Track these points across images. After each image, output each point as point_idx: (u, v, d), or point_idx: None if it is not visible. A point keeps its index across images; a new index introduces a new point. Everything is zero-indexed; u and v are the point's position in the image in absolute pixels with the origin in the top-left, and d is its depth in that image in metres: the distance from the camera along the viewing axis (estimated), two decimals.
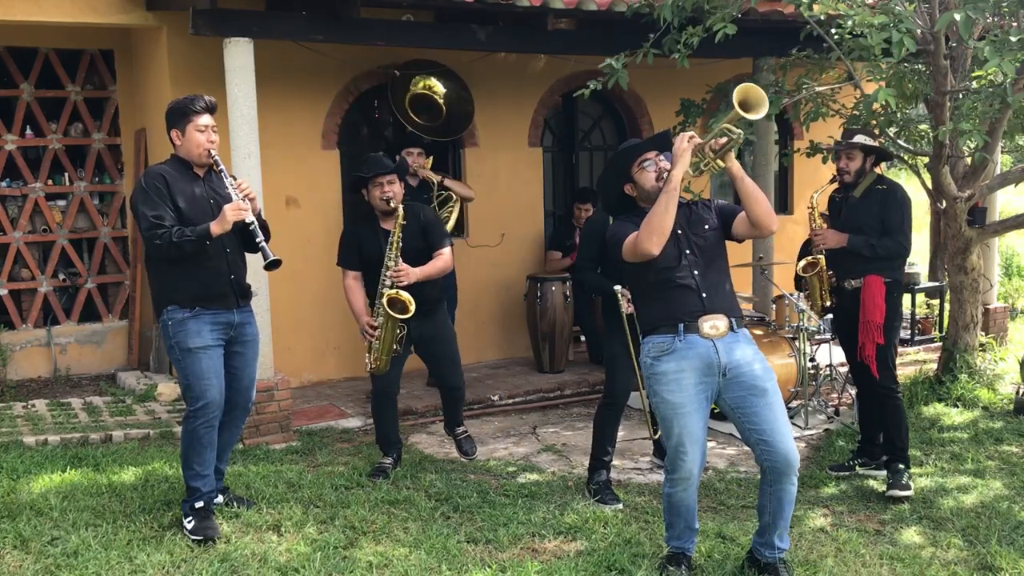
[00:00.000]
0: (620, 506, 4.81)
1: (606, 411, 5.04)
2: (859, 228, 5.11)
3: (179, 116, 4.31)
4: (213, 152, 4.31)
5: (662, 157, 3.92)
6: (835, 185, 5.33)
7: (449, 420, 5.64)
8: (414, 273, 5.01)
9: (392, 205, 5.01)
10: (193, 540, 4.19)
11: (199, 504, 4.30)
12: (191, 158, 4.34)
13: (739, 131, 3.71)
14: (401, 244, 5.02)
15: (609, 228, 4.03)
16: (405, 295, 4.96)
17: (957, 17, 5.06)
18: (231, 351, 4.45)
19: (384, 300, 4.95)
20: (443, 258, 5.18)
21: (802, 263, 5.58)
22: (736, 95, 3.61)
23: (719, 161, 3.77)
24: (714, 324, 3.79)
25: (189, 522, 4.28)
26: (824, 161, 6.53)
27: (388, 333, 5.04)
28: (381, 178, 5.05)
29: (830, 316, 6.31)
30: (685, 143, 3.70)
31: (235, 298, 4.42)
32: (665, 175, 3.84)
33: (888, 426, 5.11)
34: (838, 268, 5.25)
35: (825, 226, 5.33)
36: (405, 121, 7.26)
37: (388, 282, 5.00)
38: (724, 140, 3.72)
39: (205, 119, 4.30)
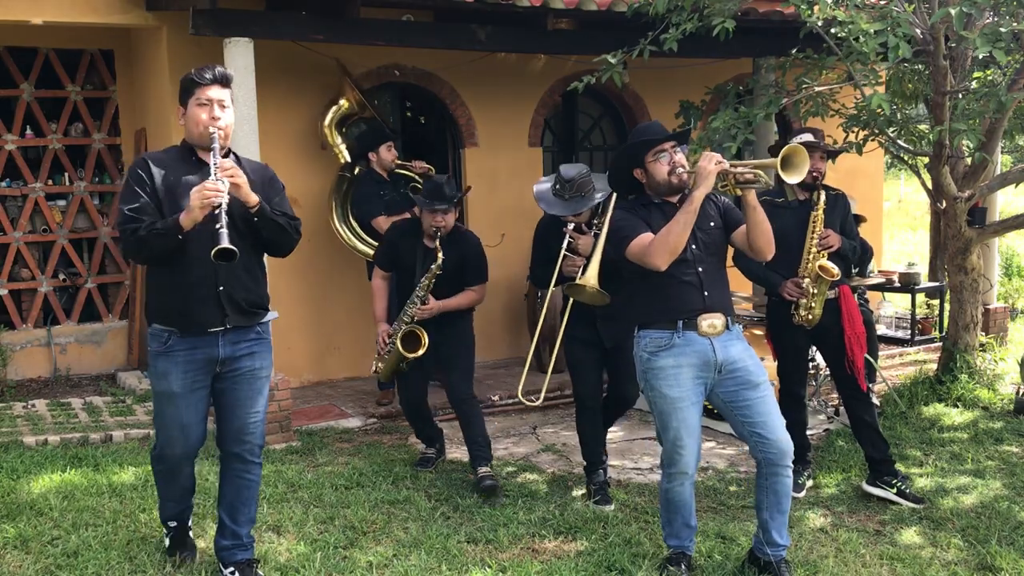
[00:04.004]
0: (611, 508, 4.80)
1: (581, 416, 5.04)
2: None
3: (184, 89, 3.66)
4: (214, 132, 3.54)
5: (678, 150, 3.91)
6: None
7: (468, 447, 5.23)
8: (436, 306, 5.07)
9: (440, 235, 5.00)
10: (169, 559, 3.97)
11: (173, 523, 3.99)
12: (193, 139, 3.65)
13: (768, 180, 3.72)
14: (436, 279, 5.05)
15: (614, 216, 4.01)
16: (422, 333, 5.02)
17: (952, 12, 5.06)
18: (218, 387, 3.71)
19: (398, 338, 5.03)
20: (470, 295, 5.18)
21: (820, 266, 4.81)
22: (784, 150, 3.62)
23: (737, 189, 3.77)
24: (712, 323, 3.81)
25: (166, 539, 4.05)
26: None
27: (394, 356, 5.12)
28: (438, 208, 4.99)
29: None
30: (712, 165, 3.67)
31: (221, 317, 3.59)
32: (679, 169, 3.85)
33: (878, 430, 5.04)
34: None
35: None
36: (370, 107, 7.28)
37: (411, 311, 5.06)
38: (751, 176, 3.71)
39: (213, 92, 3.60)
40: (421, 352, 5.01)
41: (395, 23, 6.35)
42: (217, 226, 3.36)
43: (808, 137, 4.90)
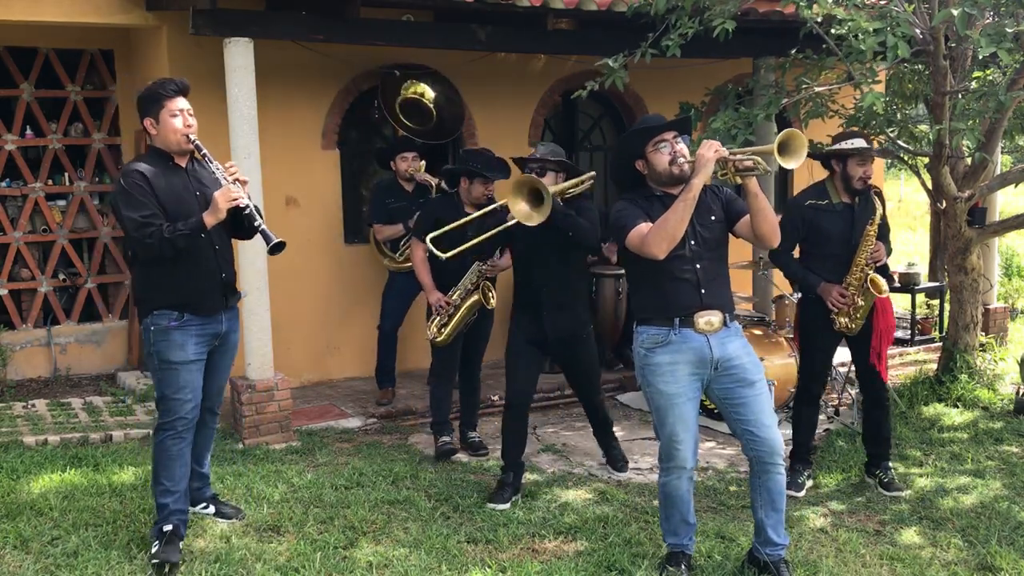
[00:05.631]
0: (506, 506, 4.76)
1: (506, 413, 5.06)
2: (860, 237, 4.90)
3: (151, 102, 4.03)
4: (192, 136, 4.03)
5: (679, 140, 3.90)
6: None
7: (465, 418, 5.92)
8: (506, 263, 5.56)
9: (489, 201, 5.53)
10: (152, 563, 3.93)
11: (167, 527, 4.01)
12: (169, 147, 4.05)
13: (767, 167, 3.70)
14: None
15: (614, 208, 4.02)
16: (490, 288, 5.57)
17: (955, 13, 5.06)
18: (210, 357, 4.22)
19: (481, 291, 5.52)
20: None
21: (872, 281, 4.88)
22: (780, 136, 3.60)
23: (737, 177, 3.76)
24: (709, 320, 3.81)
25: (154, 545, 3.99)
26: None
27: (465, 315, 5.53)
28: (490, 176, 5.52)
29: None
30: (711, 153, 3.66)
31: (224, 300, 4.18)
32: (680, 159, 3.84)
33: (888, 426, 5.10)
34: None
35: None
36: (396, 124, 7.26)
37: (479, 270, 5.50)
38: (750, 163, 3.70)
39: (180, 102, 4.01)
40: (494, 303, 5.58)
41: (395, 23, 6.35)
42: (257, 224, 4.00)
43: (860, 142, 4.89)
